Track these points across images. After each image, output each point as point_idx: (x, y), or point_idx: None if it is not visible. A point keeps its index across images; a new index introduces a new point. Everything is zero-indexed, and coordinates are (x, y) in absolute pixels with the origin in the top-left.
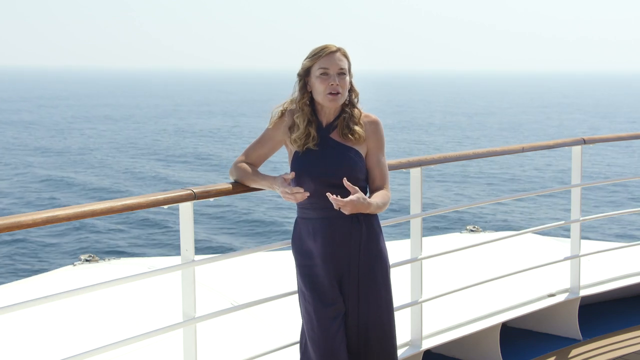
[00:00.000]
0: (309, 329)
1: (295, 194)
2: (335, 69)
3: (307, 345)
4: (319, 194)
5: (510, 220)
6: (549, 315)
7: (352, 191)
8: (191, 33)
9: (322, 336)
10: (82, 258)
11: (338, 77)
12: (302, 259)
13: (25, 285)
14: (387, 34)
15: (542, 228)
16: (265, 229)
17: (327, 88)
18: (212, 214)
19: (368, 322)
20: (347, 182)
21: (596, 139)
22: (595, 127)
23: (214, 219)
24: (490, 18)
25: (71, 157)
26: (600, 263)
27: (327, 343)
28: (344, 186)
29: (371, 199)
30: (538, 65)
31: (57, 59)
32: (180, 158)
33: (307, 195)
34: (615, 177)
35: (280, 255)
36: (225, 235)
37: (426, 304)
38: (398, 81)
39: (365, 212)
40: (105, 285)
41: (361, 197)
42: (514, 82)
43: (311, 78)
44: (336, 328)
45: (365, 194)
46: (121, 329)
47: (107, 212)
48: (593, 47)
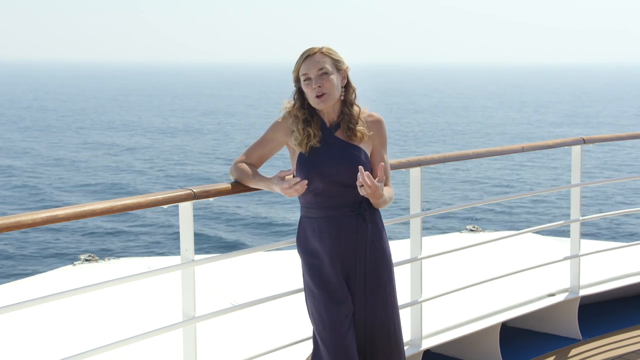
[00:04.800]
0: (320, 328)
1: (295, 186)
2: (315, 71)
3: (318, 347)
4: (325, 193)
5: (510, 220)
6: (548, 315)
7: (372, 179)
8: (196, 26)
9: (334, 335)
10: (81, 258)
11: (321, 78)
12: (309, 258)
13: (25, 285)
14: (390, 26)
15: (542, 228)
16: (265, 229)
17: (312, 92)
18: (212, 213)
19: (375, 321)
20: (364, 172)
21: (596, 139)
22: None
23: (214, 219)
24: (490, 8)
25: (72, 157)
26: (600, 263)
27: (339, 342)
28: (349, 185)
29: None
30: (541, 57)
31: (62, 52)
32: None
33: (306, 183)
34: (615, 177)
35: (280, 255)
36: (225, 235)
37: (426, 304)
38: (395, 73)
39: (378, 200)
40: (105, 285)
41: (381, 185)
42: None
43: (301, 85)
44: (347, 327)
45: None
46: (121, 329)
47: (107, 212)
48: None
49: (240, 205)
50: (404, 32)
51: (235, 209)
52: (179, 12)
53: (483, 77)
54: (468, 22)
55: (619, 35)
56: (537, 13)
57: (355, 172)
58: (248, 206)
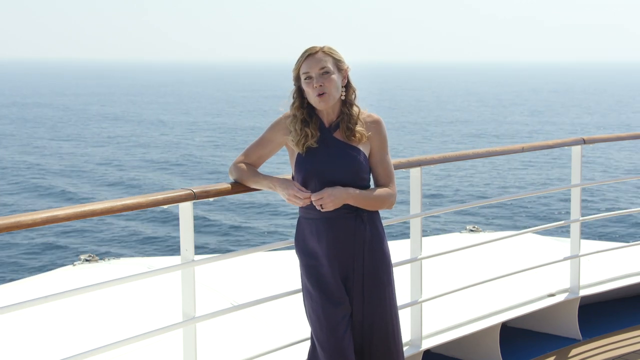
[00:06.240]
0: (317, 329)
1: (304, 200)
2: (317, 70)
3: (314, 348)
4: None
5: (510, 220)
6: (548, 315)
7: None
8: (195, 25)
9: (331, 336)
10: (81, 258)
11: (322, 77)
12: (307, 259)
13: (25, 285)
14: (389, 23)
15: (542, 228)
16: (265, 229)
17: (313, 91)
18: (212, 214)
19: (373, 323)
20: (309, 196)
21: (596, 139)
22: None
23: (214, 219)
24: (490, 6)
25: (73, 156)
26: (600, 263)
27: (336, 344)
28: (347, 186)
29: (360, 190)
30: (539, 55)
31: (61, 51)
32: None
33: (314, 199)
34: (616, 177)
35: (280, 255)
36: (225, 235)
37: (426, 304)
38: (395, 71)
39: (353, 201)
40: (105, 285)
41: (337, 187)
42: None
43: (301, 84)
44: (344, 328)
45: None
46: (121, 329)
47: (107, 212)
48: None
49: (240, 206)
50: (404, 30)
51: (236, 209)
52: (179, 12)
53: (486, 75)
54: (456, 19)
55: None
56: (532, 9)
57: (354, 173)
58: (248, 206)
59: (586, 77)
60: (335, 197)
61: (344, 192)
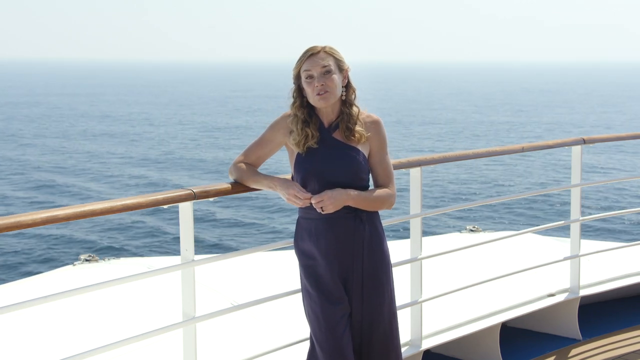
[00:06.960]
0: (316, 329)
1: (304, 200)
2: (318, 69)
3: (314, 347)
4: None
5: (510, 220)
6: (548, 315)
7: (317, 198)
8: (195, 25)
9: (330, 336)
10: (81, 258)
11: (323, 77)
12: (305, 259)
13: (25, 285)
14: (390, 23)
15: (542, 228)
16: (265, 229)
17: (313, 90)
18: (212, 214)
19: (372, 323)
20: (309, 198)
21: (596, 139)
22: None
23: (214, 219)
24: (490, 7)
25: (74, 156)
26: (600, 263)
27: (335, 343)
28: (346, 186)
29: (359, 191)
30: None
31: (61, 51)
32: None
33: (314, 202)
34: (615, 177)
35: (280, 255)
36: (225, 235)
37: (426, 304)
38: (396, 70)
39: (353, 203)
40: (105, 285)
41: (337, 190)
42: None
43: (302, 83)
44: (343, 328)
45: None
46: (121, 329)
47: (107, 212)
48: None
49: (240, 206)
50: (404, 30)
51: (236, 209)
52: (179, 12)
53: (486, 75)
54: (455, 19)
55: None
56: (532, 9)
57: (353, 173)
58: (248, 206)
59: (586, 77)
60: (335, 199)
61: (344, 194)
